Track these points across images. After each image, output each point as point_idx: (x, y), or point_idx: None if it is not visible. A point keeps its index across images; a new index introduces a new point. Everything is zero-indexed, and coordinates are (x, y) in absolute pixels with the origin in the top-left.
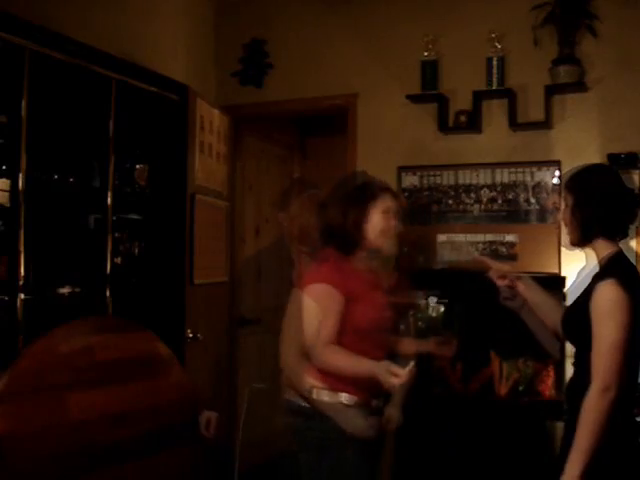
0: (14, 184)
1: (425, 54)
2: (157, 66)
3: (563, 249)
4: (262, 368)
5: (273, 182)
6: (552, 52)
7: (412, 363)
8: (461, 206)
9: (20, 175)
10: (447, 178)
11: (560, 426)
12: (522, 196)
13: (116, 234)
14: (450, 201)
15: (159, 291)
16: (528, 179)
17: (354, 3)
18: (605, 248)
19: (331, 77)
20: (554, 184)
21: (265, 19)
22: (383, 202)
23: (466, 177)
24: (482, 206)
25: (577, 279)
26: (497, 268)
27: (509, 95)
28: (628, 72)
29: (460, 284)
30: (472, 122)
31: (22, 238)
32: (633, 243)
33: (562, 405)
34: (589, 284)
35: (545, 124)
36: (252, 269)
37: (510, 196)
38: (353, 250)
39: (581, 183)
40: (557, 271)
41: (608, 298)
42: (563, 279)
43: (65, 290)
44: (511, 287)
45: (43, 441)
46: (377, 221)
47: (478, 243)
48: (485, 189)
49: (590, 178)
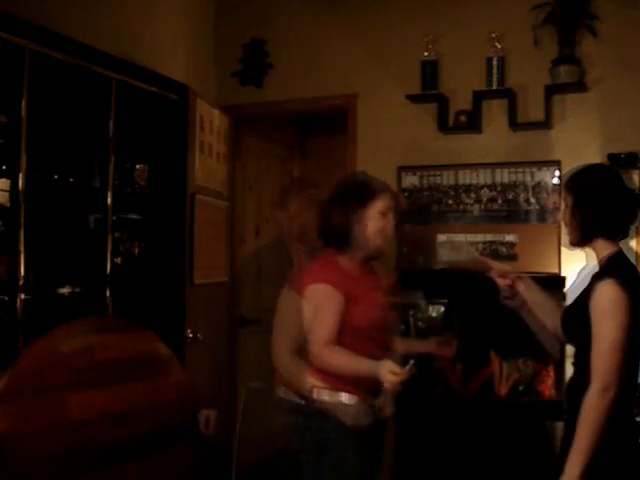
0: (14, 184)
1: (425, 54)
2: (157, 66)
3: (563, 249)
4: (262, 368)
5: (273, 182)
6: (552, 52)
7: (412, 362)
8: (461, 206)
9: (20, 175)
10: (447, 178)
11: (560, 426)
12: (522, 196)
13: (116, 234)
14: (450, 201)
15: (159, 291)
16: (528, 179)
17: (354, 3)
18: (605, 248)
19: (331, 77)
20: (554, 184)
21: (265, 19)
22: (383, 202)
23: (466, 177)
24: (482, 206)
25: (577, 279)
26: (498, 268)
27: (509, 95)
28: (628, 72)
29: (460, 284)
30: (472, 122)
31: (22, 238)
32: (633, 243)
33: (562, 405)
34: (589, 284)
35: (545, 124)
36: (252, 269)
37: (510, 196)
38: (353, 250)
39: (581, 183)
40: (557, 271)
41: (608, 298)
42: (563, 279)
43: (65, 290)
44: (511, 287)
45: (43, 441)
46: (376, 221)
47: (478, 243)
48: (485, 189)
49: (590, 178)
